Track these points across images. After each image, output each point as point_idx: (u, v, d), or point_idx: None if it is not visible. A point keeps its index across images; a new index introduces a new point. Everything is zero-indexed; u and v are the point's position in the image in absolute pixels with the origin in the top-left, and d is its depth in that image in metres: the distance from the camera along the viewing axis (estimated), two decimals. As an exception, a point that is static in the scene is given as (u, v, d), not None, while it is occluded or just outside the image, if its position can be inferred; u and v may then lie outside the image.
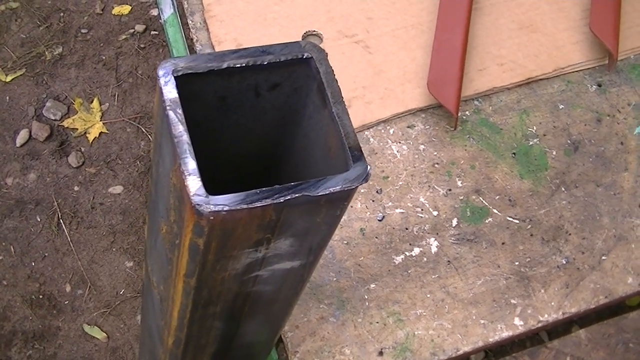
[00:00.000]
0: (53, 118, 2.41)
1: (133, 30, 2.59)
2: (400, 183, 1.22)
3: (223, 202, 0.59)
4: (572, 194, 1.23)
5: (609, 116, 1.29)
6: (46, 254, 2.25)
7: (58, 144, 2.38)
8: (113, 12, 2.62)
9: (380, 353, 1.11)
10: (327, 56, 0.69)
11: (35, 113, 2.43)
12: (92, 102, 2.44)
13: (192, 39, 1.31)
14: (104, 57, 2.53)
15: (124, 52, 2.54)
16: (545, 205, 1.22)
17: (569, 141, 1.27)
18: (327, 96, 0.67)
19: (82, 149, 2.38)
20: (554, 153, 1.26)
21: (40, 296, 2.22)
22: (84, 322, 2.21)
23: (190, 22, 1.32)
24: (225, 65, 0.66)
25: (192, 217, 0.61)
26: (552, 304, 1.14)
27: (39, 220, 2.28)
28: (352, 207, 1.19)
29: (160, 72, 0.64)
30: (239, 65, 0.67)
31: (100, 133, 2.41)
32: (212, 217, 0.60)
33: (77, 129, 2.40)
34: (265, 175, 0.84)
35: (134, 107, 2.45)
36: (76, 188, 2.33)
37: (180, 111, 0.62)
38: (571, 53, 1.33)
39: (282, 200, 0.60)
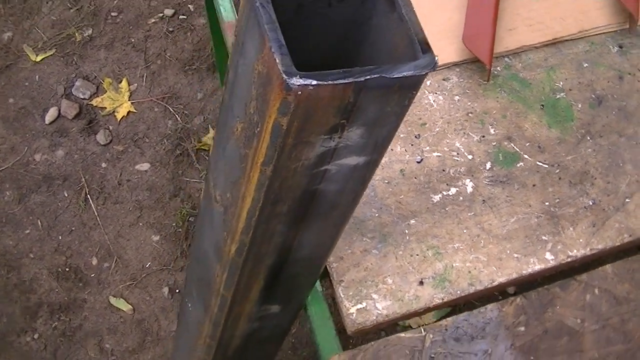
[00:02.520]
0: (82, 97, 2.49)
1: (162, 14, 2.68)
2: (437, 129, 1.29)
3: (311, 77, 0.66)
4: (597, 142, 1.30)
5: (630, 74, 1.37)
6: (73, 228, 2.32)
7: (86, 122, 2.46)
8: (142, -4, 2.71)
9: (421, 283, 1.17)
10: (394, -34, 0.76)
11: (64, 92, 2.51)
12: (120, 82, 2.52)
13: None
14: (133, 40, 2.61)
15: (153, 35, 2.63)
16: (572, 152, 1.29)
17: (593, 96, 1.34)
18: (397, 0, 0.74)
19: (110, 127, 2.46)
20: (580, 106, 1.33)
21: (67, 269, 2.29)
22: (109, 294, 2.28)
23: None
24: (309, -35, 0.74)
25: (279, 94, 0.68)
26: (581, 240, 1.21)
27: (66, 195, 2.36)
28: (392, 150, 1.27)
29: (250, -29, 0.71)
30: (319, -33, 0.74)
31: (129, 112, 2.48)
32: (299, 92, 0.66)
33: (105, 107, 2.48)
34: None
35: (161, 88, 2.53)
36: (104, 165, 2.40)
37: (269, 3, 0.69)
38: (595, 17, 1.40)
39: (362, 80, 0.67)
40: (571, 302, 1.20)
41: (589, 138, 1.30)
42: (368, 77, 0.68)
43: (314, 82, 0.66)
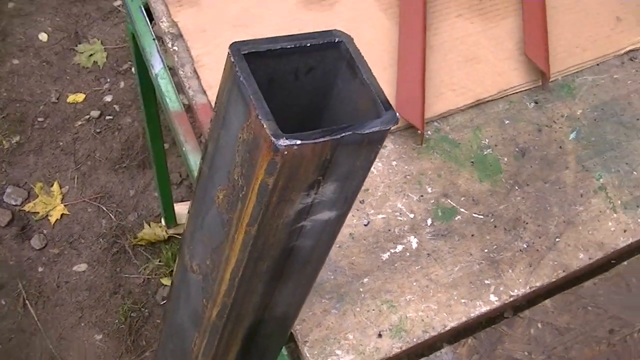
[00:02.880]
0: (14, 203, 2.52)
1: (88, 116, 2.75)
2: (379, 193, 1.40)
3: (296, 137, 0.76)
4: (525, 190, 1.43)
5: (547, 126, 1.51)
6: (13, 336, 2.32)
7: (19, 228, 2.49)
8: (68, 101, 2.78)
9: (380, 335, 1.26)
10: (353, 40, 0.88)
11: (-5, 200, 2.53)
12: (52, 185, 2.57)
13: (184, 86, 1.47)
14: (61, 143, 2.67)
15: (81, 137, 2.69)
16: (504, 202, 1.41)
17: (516, 149, 1.48)
18: (358, 68, 0.85)
19: (45, 231, 2.49)
20: (506, 159, 1.46)
21: (11, 378, 2.28)
22: (57, 399, 2.28)
23: (181, 73, 1.49)
24: (279, 46, 0.84)
25: (267, 156, 0.77)
26: (520, 280, 1.33)
27: (3, 303, 2.36)
28: (340, 215, 1.36)
29: (231, 51, 0.81)
30: (289, 46, 0.85)
31: (62, 215, 2.52)
32: (286, 152, 0.76)
33: (38, 212, 2.52)
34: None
35: (93, 188, 2.59)
36: (40, 269, 2.43)
37: (252, 77, 0.79)
38: (511, 78, 1.55)
39: (339, 136, 0.77)
40: (518, 338, 1.31)
41: (517, 187, 1.43)
42: (343, 134, 0.78)
43: (299, 142, 0.76)
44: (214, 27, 1.55)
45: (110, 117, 2.75)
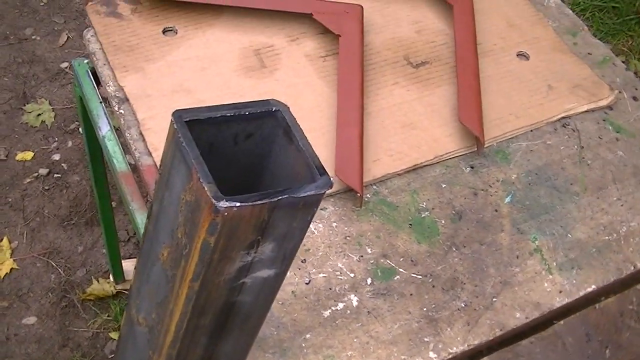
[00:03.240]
0: (-39, 259, 2.53)
1: (37, 173, 2.77)
2: (320, 253, 1.45)
3: (235, 200, 0.81)
4: (462, 252, 1.49)
5: (483, 190, 1.58)
6: (-39, 390, 2.31)
7: (-32, 282, 2.49)
8: (17, 158, 2.80)
9: (320, 390, 1.30)
10: (289, 109, 0.93)
11: (-57, 256, 2.53)
12: (1, 240, 2.57)
13: (130, 148, 1.52)
14: (10, 199, 2.68)
15: (30, 193, 2.71)
16: (441, 263, 1.47)
17: (453, 212, 1.54)
18: (294, 135, 0.91)
19: (-7, 286, 2.49)
20: (443, 222, 1.53)
21: None
22: None
23: (128, 135, 1.53)
24: (219, 114, 0.89)
25: (208, 217, 0.82)
26: (458, 338, 1.38)
27: (-48, 357, 2.35)
28: (283, 274, 1.41)
29: (173, 118, 0.86)
30: (229, 114, 0.90)
31: (11, 269, 2.53)
32: (226, 213, 0.81)
33: (-14, 267, 2.52)
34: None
35: (42, 244, 2.60)
36: (-12, 322, 2.42)
37: (193, 142, 0.84)
38: (446, 143, 1.63)
39: (276, 199, 0.82)
40: (455, 395, 1.36)
41: (454, 249, 1.49)
42: (280, 197, 0.83)
43: (238, 204, 0.81)
44: (158, 92, 1.60)
45: (59, 175, 2.78)
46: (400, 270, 1.45)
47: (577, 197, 1.62)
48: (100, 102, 1.65)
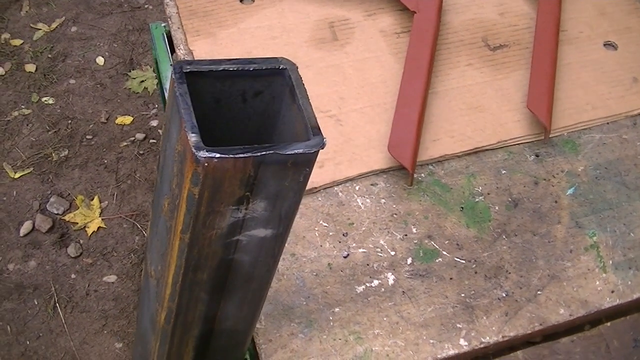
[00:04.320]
0: (56, 212, 2.63)
1: (134, 138, 2.85)
2: (364, 228, 1.43)
3: (215, 151, 0.80)
4: (512, 240, 1.43)
5: (545, 180, 1.52)
6: (41, 334, 2.40)
7: (59, 235, 2.59)
8: (116, 122, 2.89)
9: (343, 364, 1.28)
10: (297, 68, 0.92)
11: (39, 207, 2.64)
12: (92, 199, 2.66)
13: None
14: (105, 161, 2.77)
15: (125, 157, 2.79)
16: (488, 249, 1.42)
17: (509, 199, 1.49)
18: (297, 94, 0.89)
19: (81, 241, 2.58)
20: (497, 208, 1.47)
21: (32, 375, 2.37)
22: (72, 401, 2.35)
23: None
24: (221, 68, 0.89)
25: (191, 167, 0.82)
26: (493, 328, 1.33)
27: (36, 303, 2.45)
28: (321, 246, 1.39)
29: (173, 68, 0.86)
30: (231, 69, 0.89)
31: (99, 228, 2.61)
32: (206, 164, 0.80)
33: (77, 223, 2.61)
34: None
35: (130, 206, 2.67)
36: (73, 276, 2.51)
37: (187, 93, 0.84)
38: (513, 129, 1.57)
39: (259, 154, 0.81)
40: (484, 385, 1.31)
41: (504, 237, 1.44)
42: (264, 152, 0.82)
43: (218, 155, 0.80)
44: (226, 57, 1.61)
45: (154, 141, 2.85)
46: (444, 253, 1.41)
47: (647, 195, 1.53)
48: (171, 65, 1.67)
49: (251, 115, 0.97)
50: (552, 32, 1.70)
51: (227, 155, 0.80)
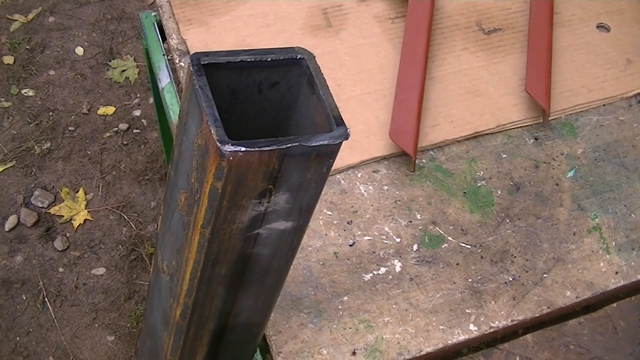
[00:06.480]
0: (40, 206, 2.60)
1: (117, 128, 2.82)
2: (368, 216, 1.42)
3: (240, 144, 0.78)
4: (516, 224, 1.43)
5: (545, 163, 1.52)
6: (30, 330, 2.38)
7: (45, 229, 2.56)
8: (98, 112, 2.86)
9: (354, 353, 1.27)
10: (315, 57, 0.90)
11: (23, 201, 2.61)
12: (77, 192, 2.63)
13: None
14: (89, 152, 2.74)
15: (108, 148, 2.76)
16: (493, 234, 1.42)
17: (511, 183, 1.49)
18: (316, 84, 0.88)
19: (68, 234, 2.55)
20: (499, 192, 1.47)
21: (24, 370, 2.34)
22: (65, 397, 2.33)
23: (185, 86, 1.53)
24: (239, 59, 0.87)
25: (214, 161, 0.80)
26: (502, 313, 1.33)
27: (24, 298, 2.42)
28: (326, 235, 1.38)
29: (190, 60, 0.84)
30: (249, 60, 0.87)
31: (85, 220, 2.59)
32: (231, 158, 0.78)
33: (63, 215, 2.58)
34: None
35: (116, 197, 2.65)
36: (61, 269, 2.48)
37: (207, 86, 0.82)
38: (511, 113, 1.56)
39: (284, 147, 0.80)
40: (495, 370, 1.31)
41: (508, 221, 1.44)
42: (289, 145, 0.80)
43: (243, 149, 0.78)
44: (220, 46, 1.59)
45: (138, 131, 2.82)
46: (449, 238, 1.41)
47: (647, 176, 1.54)
48: (163, 55, 1.65)
49: (266, 106, 0.95)
50: (546, 14, 1.69)
51: (252, 149, 0.79)
